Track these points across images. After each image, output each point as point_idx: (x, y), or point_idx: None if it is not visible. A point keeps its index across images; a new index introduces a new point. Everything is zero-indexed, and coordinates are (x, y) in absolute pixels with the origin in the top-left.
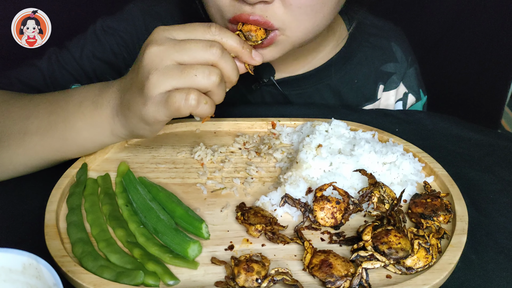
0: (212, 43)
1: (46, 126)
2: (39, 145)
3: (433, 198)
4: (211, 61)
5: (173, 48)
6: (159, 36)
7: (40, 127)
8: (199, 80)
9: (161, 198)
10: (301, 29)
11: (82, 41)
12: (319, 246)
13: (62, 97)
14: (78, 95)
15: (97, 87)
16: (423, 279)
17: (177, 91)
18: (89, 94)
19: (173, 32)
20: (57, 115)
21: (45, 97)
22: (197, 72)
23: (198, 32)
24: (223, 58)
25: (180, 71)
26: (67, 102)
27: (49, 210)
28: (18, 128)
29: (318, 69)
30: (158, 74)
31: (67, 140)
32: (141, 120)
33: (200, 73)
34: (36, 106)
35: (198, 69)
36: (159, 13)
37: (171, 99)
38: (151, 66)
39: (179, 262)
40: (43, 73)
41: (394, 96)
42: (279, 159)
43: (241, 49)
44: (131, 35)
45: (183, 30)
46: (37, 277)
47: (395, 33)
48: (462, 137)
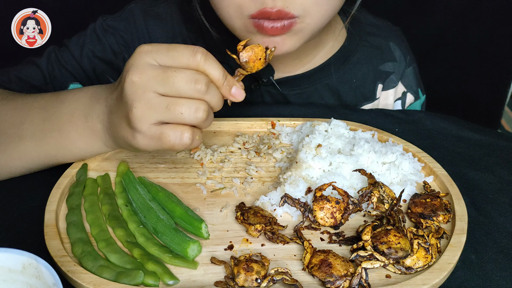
0: (197, 78)
1: (40, 133)
2: (35, 151)
3: (432, 198)
4: (196, 97)
5: (155, 79)
6: (141, 61)
7: (35, 134)
8: (186, 117)
9: (160, 198)
10: (321, 13)
11: (82, 40)
12: (318, 246)
13: (54, 104)
14: (69, 104)
15: (87, 96)
16: (422, 279)
17: (169, 129)
18: (79, 104)
19: (156, 56)
20: (51, 123)
21: (37, 101)
22: (183, 109)
23: (183, 59)
24: (209, 94)
25: (165, 107)
26: (59, 110)
27: (49, 210)
28: (13, 132)
29: (317, 69)
30: (142, 108)
31: (62, 148)
32: (130, 147)
33: (186, 110)
34: (30, 111)
35: (184, 106)
36: (159, 14)
37: (165, 137)
38: (134, 97)
39: (179, 262)
40: (43, 72)
41: (393, 95)
42: (279, 159)
43: (222, 84)
44: (131, 35)
45: (167, 55)
46: (36, 277)
47: (393, 32)
48: (462, 137)
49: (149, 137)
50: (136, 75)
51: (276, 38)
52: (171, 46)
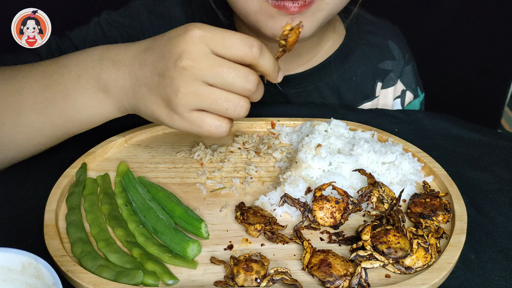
0: (249, 78)
1: (43, 102)
2: (38, 122)
3: (432, 197)
4: (244, 95)
5: (208, 70)
6: (194, 48)
7: (36, 103)
8: (229, 113)
9: (160, 197)
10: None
11: (85, 32)
12: (318, 245)
13: (55, 69)
14: (74, 67)
15: (96, 58)
16: (422, 279)
17: (212, 119)
18: (87, 66)
19: (210, 43)
20: (54, 89)
21: (35, 68)
22: (229, 105)
23: (240, 51)
24: (256, 93)
25: (213, 100)
26: (62, 75)
27: (49, 210)
28: (10, 102)
29: (317, 67)
30: (188, 95)
31: (69, 116)
32: (157, 121)
33: (231, 106)
34: (27, 78)
35: (230, 102)
36: (162, 13)
37: (206, 126)
38: (182, 83)
39: (179, 261)
40: (42, 58)
41: (392, 93)
42: (279, 158)
43: (273, 73)
44: (136, 31)
45: (223, 44)
46: (36, 276)
47: (392, 31)
48: (462, 137)
49: (188, 121)
50: (188, 61)
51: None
52: (225, 34)
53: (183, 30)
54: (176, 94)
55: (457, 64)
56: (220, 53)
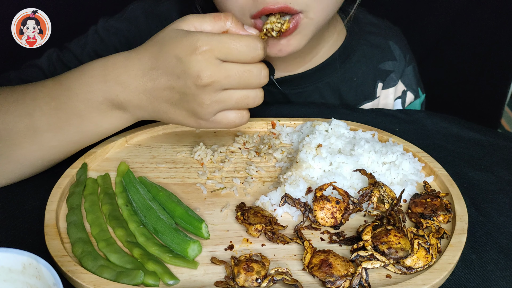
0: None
1: (57, 123)
2: (55, 140)
3: (433, 198)
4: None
5: (227, 80)
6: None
7: (51, 124)
8: (250, 106)
9: (161, 198)
10: (323, 7)
11: (83, 41)
12: (319, 246)
13: (60, 92)
14: (80, 91)
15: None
16: (422, 279)
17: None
18: (94, 89)
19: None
20: (66, 111)
21: (39, 90)
22: (248, 101)
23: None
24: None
25: (235, 102)
26: (70, 98)
27: (49, 210)
28: (24, 125)
29: (317, 68)
30: (213, 104)
31: (86, 132)
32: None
33: (251, 101)
34: (35, 101)
35: (249, 98)
36: (159, 15)
37: (231, 122)
38: (205, 96)
39: (179, 261)
40: (44, 72)
41: (393, 94)
42: (279, 159)
43: None
44: (134, 35)
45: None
46: (37, 276)
47: (393, 31)
48: (462, 137)
49: (215, 122)
50: (207, 79)
51: (281, 40)
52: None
53: (190, 49)
54: (201, 106)
55: (457, 64)
56: (231, 60)
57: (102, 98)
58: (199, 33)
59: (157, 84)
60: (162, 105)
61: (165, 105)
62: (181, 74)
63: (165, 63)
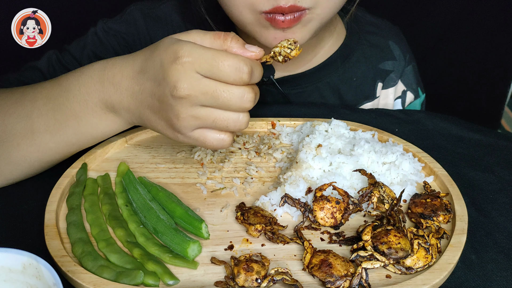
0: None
1: (55, 124)
2: (52, 142)
3: (432, 198)
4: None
5: (204, 96)
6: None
7: (48, 125)
8: (230, 129)
9: (161, 198)
10: (331, 4)
11: (82, 43)
12: (319, 246)
13: (59, 93)
14: (78, 92)
15: (96, 81)
16: (422, 279)
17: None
18: (90, 90)
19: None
20: (63, 113)
21: (38, 92)
22: (229, 123)
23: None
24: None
25: (212, 121)
26: (67, 99)
27: (49, 210)
28: (22, 126)
29: (317, 68)
30: (188, 118)
31: (83, 134)
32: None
33: (231, 123)
34: (33, 102)
35: (229, 120)
36: (159, 16)
37: (209, 143)
38: (181, 110)
39: (179, 262)
40: (44, 74)
41: (392, 94)
42: (279, 159)
43: None
44: (133, 37)
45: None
46: (37, 277)
47: (392, 31)
48: (462, 137)
49: (192, 139)
50: (183, 91)
51: (286, 32)
52: (214, 60)
53: (173, 57)
54: (177, 118)
55: (457, 64)
56: (212, 78)
57: (97, 99)
58: (186, 43)
59: (143, 88)
60: (146, 111)
61: (148, 112)
62: (161, 81)
63: (151, 67)
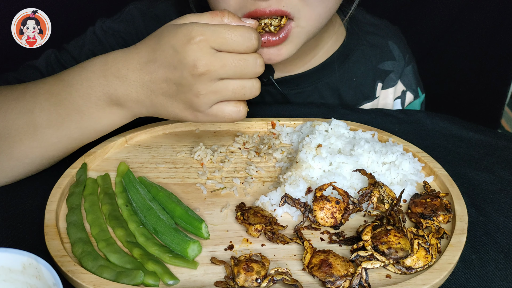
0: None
1: (57, 119)
2: (55, 136)
3: (432, 198)
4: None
5: (222, 69)
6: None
7: (51, 120)
8: (247, 96)
9: (160, 198)
10: (315, 15)
11: (81, 42)
12: (318, 246)
13: (61, 88)
14: (81, 86)
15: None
16: (422, 279)
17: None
18: (93, 84)
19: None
20: (66, 107)
21: (40, 87)
22: (245, 91)
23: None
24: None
25: (232, 92)
26: (70, 94)
27: (49, 210)
28: (24, 121)
29: (317, 68)
30: (208, 94)
31: (85, 128)
32: (180, 119)
33: (248, 91)
34: (35, 98)
35: (246, 88)
36: (157, 15)
37: (228, 115)
38: (201, 86)
39: (179, 262)
40: (42, 73)
41: (392, 94)
42: (279, 159)
43: None
44: (131, 36)
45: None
46: (37, 276)
47: (392, 31)
48: (462, 137)
49: (211, 115)
50: (203, 68)
51: (270, 49)
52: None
53: (186, 39)
54: (198, 96)
55: (457, 64)
56: (226, 50)
57: (101, 93)
58: (194, 24)
59: (155, 76)
60: (160, 98)
61: (163, 98)
62: (177, 64)
63: (162, 55)
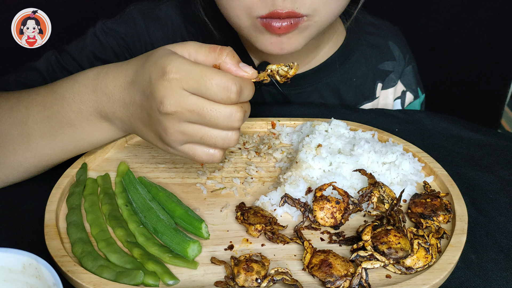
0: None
1: (50, 131)
2: (48, 148)
3: (432, 198)
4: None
5: (191, 113)
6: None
7: (44, 132)
8: (218, 146)
9: (160, 198)
10: (329, 12)
11: (81, 43)
12: (318, 246)
13: (53, 101)
14: (73, 101)
15: (90, 90)
16: (422, 279)
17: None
18: (84, 100)
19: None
20: (58, 121)
21: (33, 98)
22: (216, 140)
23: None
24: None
25: (200, 138)
26: (62, 107)
27: (49, 210)
28: (18, 132)
29: (317, 68)
30: (177, 133)
31: (79, 141)
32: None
33: (219, 141)
34: (28, 109)
35: (217, 138)
36: (158, 16)
37: (198, 157)
38: (168, 125)
39: (179, 262)
40: (43, 75)
41: (392, 94)
42: (279, 159)
43: None
44: (132, 37)
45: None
46: (37, 277)
47: (392, 31)
48: (462, 137)
49: (182, 152)
50: (170, 108)
51: (282, 37)
52: (202, 79)
53: (160, 72)
54: (165, 132)
55: (457, 64)
56: (200, 95)
57: (92, 109)
58: (175, 58)
59: (133, 100)
60: (137, 122)
61: (139, 123)
62: (149, 95)
63: (141, 80)
